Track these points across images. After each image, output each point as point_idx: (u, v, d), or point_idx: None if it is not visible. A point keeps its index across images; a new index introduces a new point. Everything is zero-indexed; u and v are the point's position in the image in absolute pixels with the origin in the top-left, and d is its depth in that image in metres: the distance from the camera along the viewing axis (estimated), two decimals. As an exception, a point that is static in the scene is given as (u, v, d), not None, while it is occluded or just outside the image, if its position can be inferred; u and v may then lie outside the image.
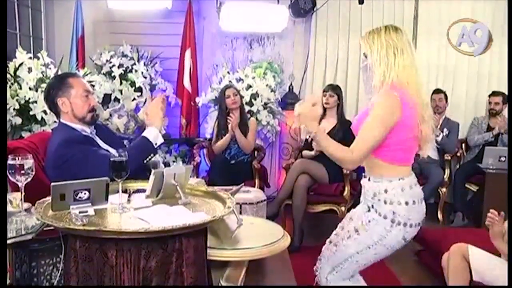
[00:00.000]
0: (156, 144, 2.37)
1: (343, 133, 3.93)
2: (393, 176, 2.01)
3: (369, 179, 2.08)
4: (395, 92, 1.95)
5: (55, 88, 2.39)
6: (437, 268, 2.82)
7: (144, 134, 2.38)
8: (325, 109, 4.14)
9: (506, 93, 4.83)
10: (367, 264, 2.09)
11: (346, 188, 3.91)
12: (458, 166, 4.93)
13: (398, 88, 1.97)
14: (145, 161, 2.34)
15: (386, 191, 2.01)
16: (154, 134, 2.36)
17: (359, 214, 2.13)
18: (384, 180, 2.02)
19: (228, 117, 4.17)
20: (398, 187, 2.01)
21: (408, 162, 2.05)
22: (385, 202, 2.01)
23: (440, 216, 4.61)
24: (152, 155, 2.39)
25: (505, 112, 4.80)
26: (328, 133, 3.92)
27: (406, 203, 2.00)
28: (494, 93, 4.85)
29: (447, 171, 4.64)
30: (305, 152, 4.19)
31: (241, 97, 4.34)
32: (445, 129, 4.60)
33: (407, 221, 2.00)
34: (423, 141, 2.05)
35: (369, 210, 2.07)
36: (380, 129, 1.95)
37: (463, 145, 5.00)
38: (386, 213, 2.01)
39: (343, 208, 3.85)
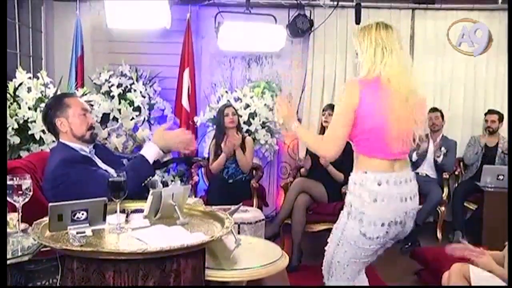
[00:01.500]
0: (158, 161, 2.39)
1: (344, 152, 3.94)
2: (360, 168, 2.05)
3: (349, 173, 2.15)
4: (357, 79, 2.00)
5: (52, 108, 2.40)
6: (437, 287, 2.79)
7: (141, 152, 2.38)
8: (324, 129, 4.15)
9: (502, 110, 4.87)
10: (352, 268, 2.08)
11: (345, 207, 3.89)
12: (456, 185, 4.92)
13: (367, 80, 1.99)
14: (143, 184, 2.33)
15: (352, 182, 2.06)
16: (152, 154, 2.36)
17: None
18: (353, 172, 2.08)
19: (228, 139, 4.14)
20: (359, 180, 2.02)
21: (377, 154, 2.01)
22: (349, 193, 2.07)
23: (439, 234, 4.60)
24: (150, 176, 2.39)
25: (501, 131, 4.83)
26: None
27: (361, 197, 2.00)
28: (490, 111, 4.88)
29: (445, 190, 4.63)
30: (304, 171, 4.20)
31: (239, 117, 4.35)
32: (442, 148, 4.61)
33: (361, 216, 1.99)
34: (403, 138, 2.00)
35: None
36: (344, 115, 2.00)
37: (461, 163, 5.01)
38: (346, 203, 2.06)
39: (342, 227, 3.83)
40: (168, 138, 2.43)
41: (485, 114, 4.91)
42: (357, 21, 4.83)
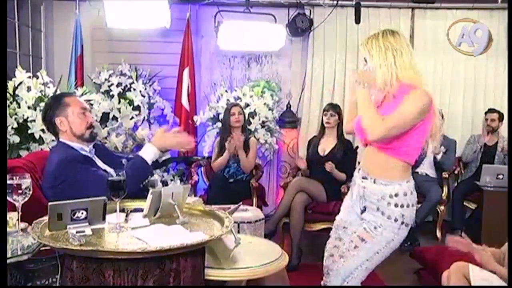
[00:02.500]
0: (156, 160, 2.39)
1: (344, 152, 3.95)
2: (403, 178, 2.09)
3: (374, 181, 2.11)
4: (429, 94, 2.03)
5: (52, 108, 2.41)
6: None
7: (140, 153, 2.38)
8: (325, 129, 4.15)
9: (502, 109, 4.87)
10: (373, 268, 2.16)
11: (344, 206, 3.87)
12: (456, 184, 4.93)
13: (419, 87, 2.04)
14: (142, 184, 2.33)
15: (397, 194, 2.07)
16: (151, 155, 2.36)
17: (355, 222, 2.18)
18: (394, 183, 2.08)
19: (232, 138, 4.13)
20: (408, 190, 2.09)
21: (413, 163, 2.15)
22: (395, 206, 2.07)
23: (438, 234, 4.60)
24: (149, 176, 2.39)
25: (501, 129, 4.83)
26: (329, 153, 4.03)
27: (412, 205, 2.11)
28: (490, 110, 4.89)
29: (445, 189, 4.64)
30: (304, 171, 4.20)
31: (245, 116, 4.34)
32: (442, 147, 4.61)
33: (410, 221, 2.11)
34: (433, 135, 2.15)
35: (366, 212, 2.13)
36: (410, 122, 2.01)
37: (461, 162, 5.01)
38: (396, 216, 2.08)
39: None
40: (168, 138, 2.46)
41: (485, 113, 4.91)
42: (357, 20, 4.83)
